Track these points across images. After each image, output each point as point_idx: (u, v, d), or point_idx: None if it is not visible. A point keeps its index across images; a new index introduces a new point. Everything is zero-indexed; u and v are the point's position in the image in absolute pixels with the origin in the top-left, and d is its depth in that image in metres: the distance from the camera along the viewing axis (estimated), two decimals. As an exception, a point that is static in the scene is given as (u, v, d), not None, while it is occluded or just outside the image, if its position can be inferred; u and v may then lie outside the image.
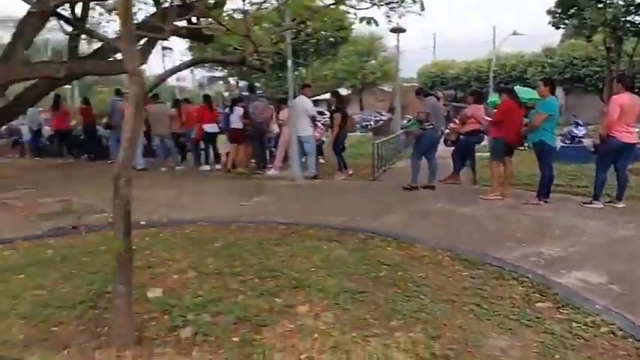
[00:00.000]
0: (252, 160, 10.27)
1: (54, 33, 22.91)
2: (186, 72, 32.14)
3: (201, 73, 37.25)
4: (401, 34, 17.40)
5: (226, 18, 5.26)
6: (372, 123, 27.68)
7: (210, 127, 10.37)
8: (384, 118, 28.79)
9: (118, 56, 9.22)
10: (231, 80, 34.54)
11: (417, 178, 7.76)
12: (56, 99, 12.65)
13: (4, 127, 13.66)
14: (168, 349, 2.61)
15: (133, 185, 2.69)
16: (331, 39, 23.45)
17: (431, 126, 7.81)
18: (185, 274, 3.75)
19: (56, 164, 11.98)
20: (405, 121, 19.51)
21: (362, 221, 5.60)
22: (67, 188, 7.82)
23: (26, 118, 13.20)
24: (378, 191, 7.92)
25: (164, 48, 13.79)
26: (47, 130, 13.88)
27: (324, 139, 11.34)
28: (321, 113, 16.39)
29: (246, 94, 12.30)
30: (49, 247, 4.57)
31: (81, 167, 11.36)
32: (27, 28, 8.54)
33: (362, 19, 4.93)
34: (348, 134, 10.24)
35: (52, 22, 9.90)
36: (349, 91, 37.08)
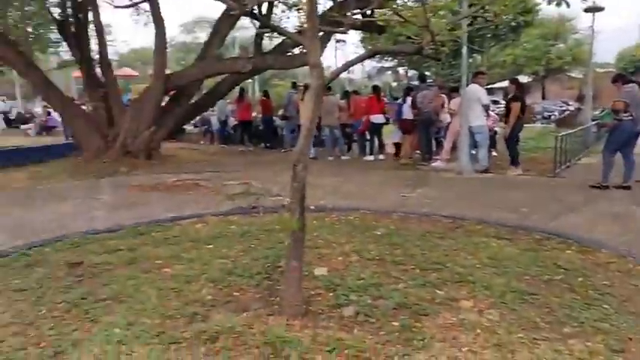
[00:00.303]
0: (417, 151, 10.23)
1: (241, 31, 25.77)
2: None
3: (370, 63, 38.06)
4: (596, 14, 15.44)
5: (400, 8, 5.31)
6: (555, 114, 25.14)
7: (377, 118, 10.61)
8: (570, 108, 25.88)
9: (296, 51, 10.03)
10: (401, 70, 34.64)
11: (609, 176, 6.88)
12: (241, 92, 14.28)
13: (197, 118, 15.89)
14: (332, 324, 2.81)
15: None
16: (513, 23, 21.91)
17: (630, 117, 6.83)
18: (348, 257, 3.97)
19: (238, 151, 13.57)
20: (598, 112, 17.28)
21: (538, 220, 5.21)
22: (247, 173, 8.82)
23: (216, 110, 15.16)
24: (558, 189, 7.23)
25: (337, 40, 14.61)
26: (232, 121, 15.77)
27: (497, 129, 10.71)
28: (495, 102, 15.48)
29: (415, 83, 12.25)
30: (232, 224, 5.24)
31: (259, 155, 12.65)
32: (222, 28, 9.83)
33: (551, 1, 4.52)
34: (525, 125, 9.51)
35: (240, 21, 11.17)
36: (530, 79, 34.22)
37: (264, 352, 2.53)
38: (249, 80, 20.79)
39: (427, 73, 23.27)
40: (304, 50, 10.15)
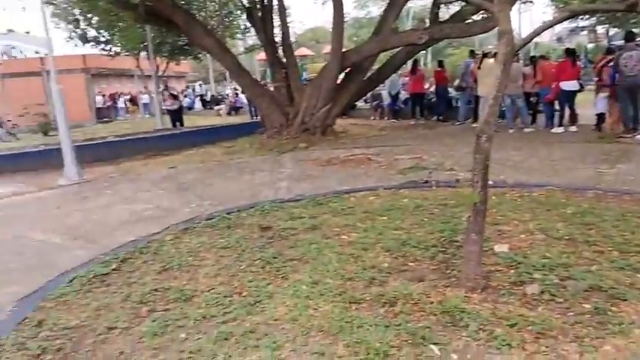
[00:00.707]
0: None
1: (414, 1, 25.33)
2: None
3: (561, 24, 34.14)
4: None
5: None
6: None
7: (569, 85, 9.58)
8: None
9: (476, 18, 9.61)
10: (600, 29, 30.38)
11: None
12: (414, 64, 14.18)
13: (369, 94, 16.28)
14: (513, 300, 2.77)
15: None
16: None
17: None
18: (532, 235, 3.79)
19: (409, 125, 13.57)
20: None
21: None
22: (419, 147, 8.82)
23: (386, 84, 15.33)
24: None
25: (524, 1, 13.38)
26: (403, 94, 15.79)
27: None
28: None
29: (617, 43, 10.71)
30: (404, 197, 5.36)
31: (431, 128, 12.48)
32: (398, 1, 9.88)
33: None
34: None
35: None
36: None
37: (442, 320, 2.62)
38: (422, 51, 20.50)
39: (635, 30, 20.01)
40: (485, 16, 9.73)
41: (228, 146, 11.18)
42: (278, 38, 12.09)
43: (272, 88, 12.50)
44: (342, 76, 11.60)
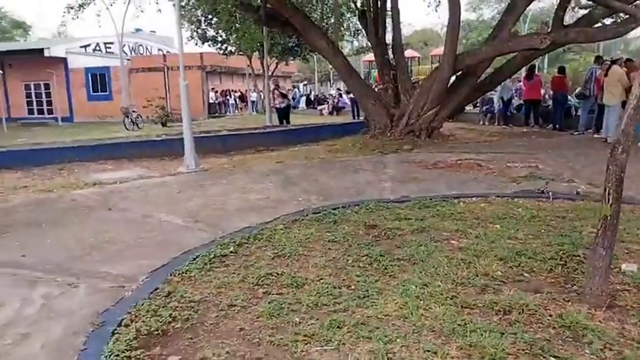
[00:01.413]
0: None
1: (533, 4, 24.05)
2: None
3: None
4: None
5: None
6: None
7: None
8: None
9: (607, 22, 8.95)
10: None
11: None
12: (531, 69, 13.49)
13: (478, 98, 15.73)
14: (644, 323, 2.58)
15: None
16: None
17: None
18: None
19: (522, 132, 12.93)
20: None
21: None
22: (533, 156, 8.39)
23: (498, 89, 14.72)
24: None
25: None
26: (516, 100, 15.07)
27: None
28: None
29: None
30: (518, 206, 5.15)
31: (546, 137, 11.80)
32: (519, 4, 9.48)
33: None
34: None
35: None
36: None
37: (562, 334, 2.51)
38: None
39: None
40: (618, 20, 8.99)
41: (331, 144, 11.44)
42: (388, 40, 12.14)
43: (376, 89, 12.57)
44: (453, 78, 11.36)
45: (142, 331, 2.78)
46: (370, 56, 27.47)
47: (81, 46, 33.10)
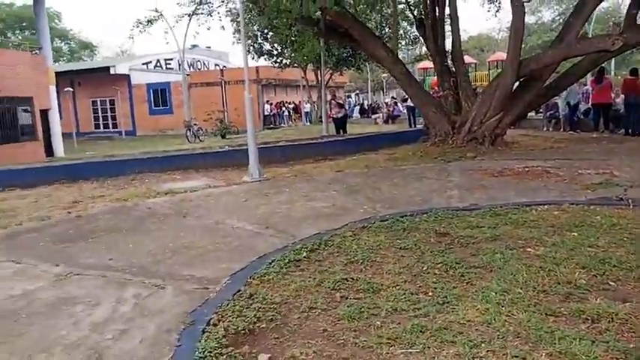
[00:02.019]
0: None
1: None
2: None
3: None
4: None
5: None
6: None
7: None
8: None
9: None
10: None
11: None
12: (601, 71, 12.98)
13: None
14: None
15: None
16: None
17: None
18: None
19: (591, 138, 12.42)
20: None
21: None
22: (605, 162, 8.07)
23: (564, 93, 14.24)
24: None
25: None
26: (583, 105, 14.51)
27: None
28: None
29: None
30: (595, 214, 4.99)
31: (618, 142, 11.29)
32: (587, 5, 9.20)
33: None
34: None
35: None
36: None
37: (660, 344, 2.45)
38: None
39: None
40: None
41: (390, 153, 11.45)
42: (445, 47, 12.09)
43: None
44: (516, 84, 11.13)
45: (230, 330, 2.93)
46: (425, 64, 27.30)
47: (142, 64, 34.86)
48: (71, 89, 28.64)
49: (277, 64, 25.96)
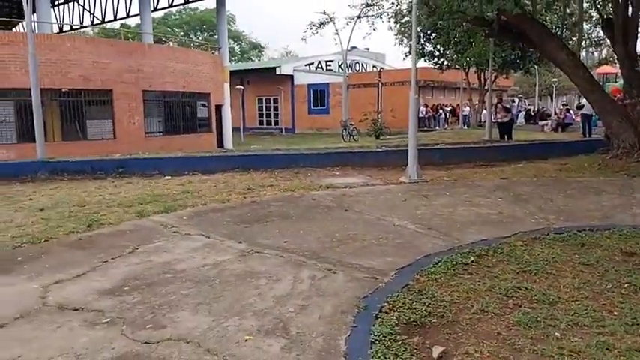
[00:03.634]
0: None
1: None
2: None
3: None
4: None
5: None
6: None
7: None
8: None
9: None
10: None
11: None
12: None
13: None
14: None
15: None
16: None
17: None
18: None
19: None
20: None
21: None
22: None
23: None
24: None
25: None
26: None
27: None
28: None
29: None
30: None
31: None
32: None
33: None
34: None
35: None
36: None
37: None
38: None
39: None
40: None
41: (561, 163, 10.65)
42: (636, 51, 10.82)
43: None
44: None
45: (402, 320, 3.09)
46: (604, 68, 24.67)
47: (305, 65, 36.96)
48: (241, 87, 31.53)
49: (438, 66, 25.59)
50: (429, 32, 21.55)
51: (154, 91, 18.30)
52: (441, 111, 31.30)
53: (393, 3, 14.04)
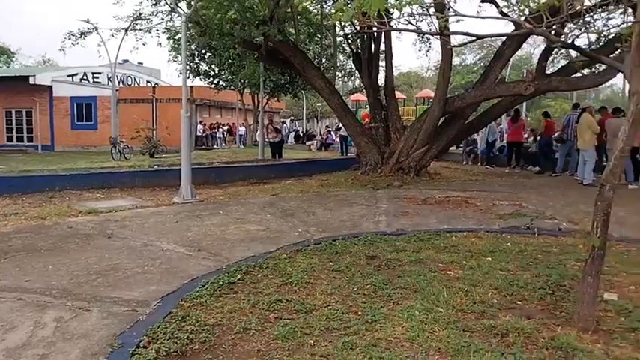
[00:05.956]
0: None
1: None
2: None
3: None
4: None
5: None
6: None
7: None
8: None
9: (586, 72, 9.61)
10: None
11: None
12: (516, 113, 14.16)
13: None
14: (626, 344, 2.89)
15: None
16: None
17: None
18: (643, 287, 3.81)
19: (504, 173, 13.46)
20: None
21: None
22: (516, 195, 8.80)
23: (483, 130, 15.31)
24: None
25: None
26: (499, 142, 15.70)
27: None
28: None
29: None
30: (506, 241, 5.48)
31: (527, 177, 12.33)
32: (506, 52, 10.14)
33: None
34: None
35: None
36: None
37: (555, 354, 2.78)
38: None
39: None
40: (598, 71, 9.65)
41: (323, 179, 11.76)
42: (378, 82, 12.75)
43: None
44: (441, 120, 11.88)
45: (162, 352, 2.95)
46: (357, 96, 28.25)
47: (68, 75, 33.29)
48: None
49: (214, 85, 25.81)
50: (203, 51, 21.60)
51: None
52: (219, 130, 31.60)
53: (162, 19, 13.68)
